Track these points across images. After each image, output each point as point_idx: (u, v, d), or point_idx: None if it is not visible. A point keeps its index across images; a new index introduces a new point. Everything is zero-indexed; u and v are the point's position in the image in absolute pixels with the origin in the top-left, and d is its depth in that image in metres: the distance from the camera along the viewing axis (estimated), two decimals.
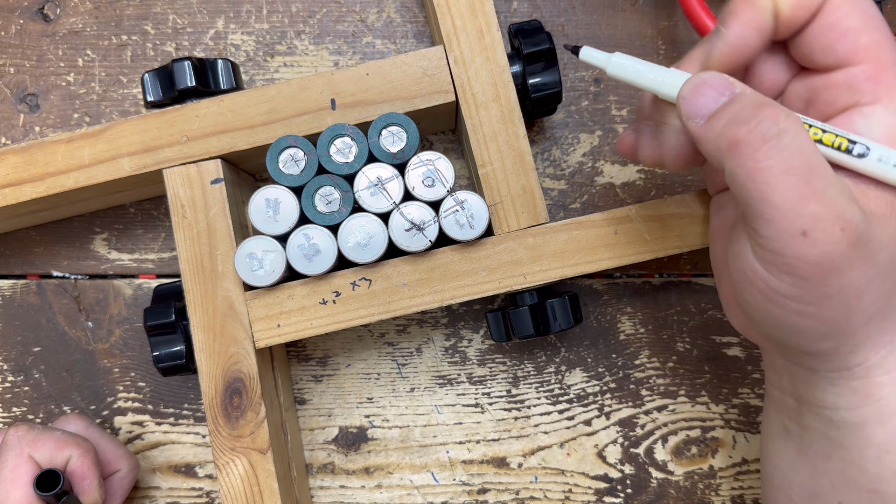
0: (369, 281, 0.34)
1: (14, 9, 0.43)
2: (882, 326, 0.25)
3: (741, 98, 0.24)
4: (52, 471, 0.34)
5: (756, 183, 0.23)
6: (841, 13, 0.24)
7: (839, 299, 0.24)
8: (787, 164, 0.22)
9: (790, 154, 0.22)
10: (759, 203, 0.23)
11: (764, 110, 0.23)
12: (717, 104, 0.24)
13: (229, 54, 0.43)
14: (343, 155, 0.34)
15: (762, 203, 0.23)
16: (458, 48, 0.35)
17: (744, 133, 0.23)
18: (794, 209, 0.22)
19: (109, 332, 0.42)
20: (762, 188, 0.22)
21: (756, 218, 0.23)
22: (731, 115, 0.24)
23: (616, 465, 0.42)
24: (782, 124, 0.22)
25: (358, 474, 0.42)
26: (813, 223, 0.22)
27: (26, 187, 0.35)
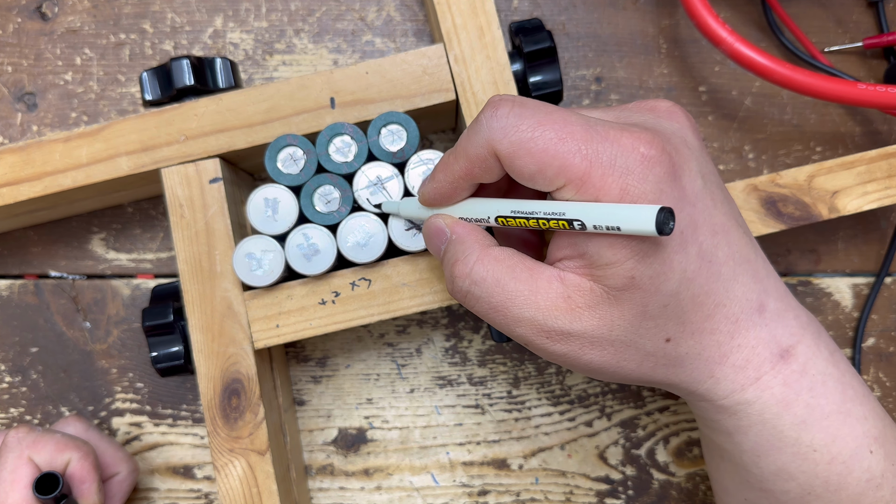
0: (369, 281, 0.34)
1: (12, 7, 0.43)
2: (681, 371, 0.27)
3: (447, 251, 0.28)
4: (52, 474, 0.33)
5: (481, 317, 0.28)
6: (517, 167, 0.25)
7: (598, 371, 0.27)
8: (484, 308, 0.27)
9: (483, 301, 0.27)
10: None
11: (455, 268, 0.27)
12: (440, 253, 0.29)
13: (228, 53, 0.43)
14: (342, 154, 0.34)
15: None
16: (458, 46, 0.35)
17: (451, 288, 0.28)
18: (508, 333, 0.27)
19: (107, 332, 0.42)
20: (485, 320, 0.28)
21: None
22: (445, 271, 0.28)
23: (617, 466, 0.42)
24: (469, 280, 0.27)
25: (357, 476, 0.42)
26: (525, 340, 0.27)
27: (24, 187, 0.35)
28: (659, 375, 0.27)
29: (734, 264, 0.27)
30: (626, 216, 0.23)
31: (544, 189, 0.25)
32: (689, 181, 0.26)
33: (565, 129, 0.25)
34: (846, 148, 0.43)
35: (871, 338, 0.43)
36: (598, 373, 0.27)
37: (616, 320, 0.25)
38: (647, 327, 0.26)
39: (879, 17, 0.43)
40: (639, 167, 0.24)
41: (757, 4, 0.44)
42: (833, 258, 0.43)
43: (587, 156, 0.24)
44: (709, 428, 0.30)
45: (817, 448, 0.28)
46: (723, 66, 0.43)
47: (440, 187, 0.29)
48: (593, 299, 0.25)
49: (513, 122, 0.25)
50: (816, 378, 0.28)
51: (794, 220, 0.35)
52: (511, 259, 0.27)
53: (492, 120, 0.26)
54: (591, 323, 0.26)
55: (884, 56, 0.44)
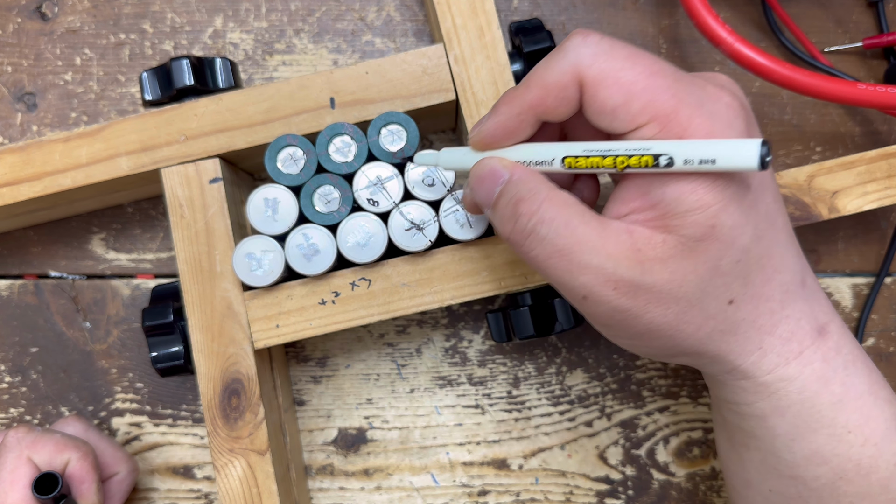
0: (369, 281, 0.34)
1: (12, 7, 0.43)
2: (733, 340, 0.26)
3: (506, 192, 0.26)
4: (51, 474, 0.33)
5: (534, 266, 0.26)
6: (601, 98, 0.25)
7: (653, 334, 0.26)
8: (548, 250, 0.25)
9: (549, 242, 0.25)
10: (547, 279, 0.27)
11: (520, 206, 0.26)
12: (493, 196, 0.27)
13: (228, 53, 0.43)
14: (342, 154, 0.34)
15: (548, 279, 0.26)
16: (458, 46, 0.35)
17: (509, 230, 0.26)
18: (567, 283, 0.25)
19: (107, 332, 0.42)
20: (539, 270, 0.26)
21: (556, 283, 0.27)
22: (499, 213, 0.27)
23: (617, 466, 0.42)
24: (536, 218, 0.25)
25: (357, 476, 0.42)
26: (587, 290, 0.25)
27: (24, 187, 0.35)
28: (712, 345, 0.26)
29: (787, 234, 0.27)
30: (724, 150, 0.22)
31: (621, 127, 0.25)
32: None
33: (656, 65, 0.24)
34: (846, 148, 0.43)
35: (871, 338, 0.43)
36: (653, 336, 0.26)
37: (688, 274, 0.25)
38: (715, 285, 0.25)
39: (879, 18, 0.43)
40: (725, 114, 0.24)
41: (757, 4, 0.44)
42: (833, 258, 0.43)
43: (677, 94, 0.24)
44: (738, 414, 0.29)
45: (852, 429, 0.27)
46: (723, 66, 0.43)
47: (503, 121, 0.27)
48: (666, 251, 0.24)
49: (605, 49, 0.25)
50: (848, 357, 0.28)
51: (794, 220, 0.35)
52: (580, 205, 0.26)
53: (582, 45, 0.25)
54: (663, 276, 0.24)
55: (884, 56, 0.44)
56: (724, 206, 0.24)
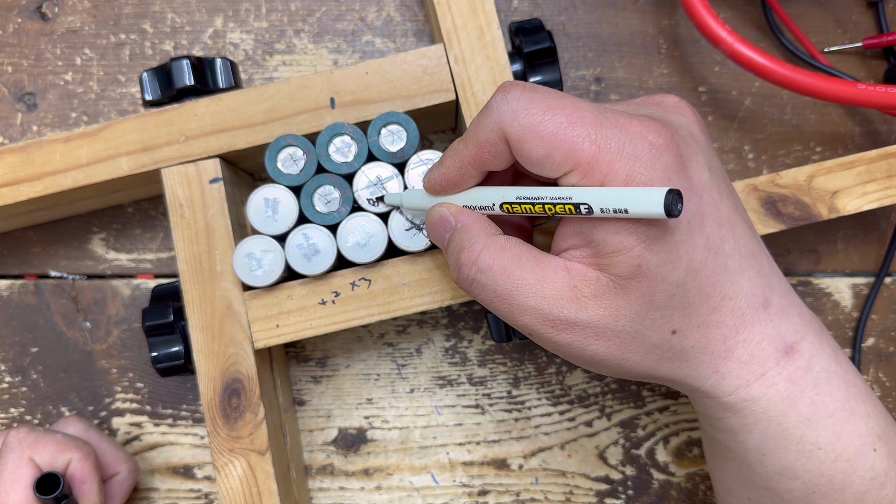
0: (369, 281, 0.34)
1: (12, 7, 0.43)
2: (685, 365, 0.27)
3: (452, 239, 0.28)
4: (52, 474, 0.33)
5: (485, 306, 0.28)
6: (526, 151, 0.25)
7: (602, 363, 0.27)
8: (490, 296, 0.27)
9: (489, 289, 0.27)
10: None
11: (461, 256, 0.27)
12: (444, 242, 0.29)
13: (228, 53, 0.43)
14: (342, 154, 0.34)
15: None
16: (458, 47, 0.35)
17: (455, 277, 0.28)
18: (513, 323, 0.27)
19: (107, 332, 0.42)
20: (489, 310, 0.28)
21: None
22: (448, 260, 0.28)
23: (617, 466, 0.42)
24: (475, 267, 0.27)
25: (357, 476, 0.42)
26: (529, 329, 0.27)
27: (24, 187, 0.35)
28: (663, 370, 0.27)
29: (740, 258, 0.27)
30: (634, 198, 0.23)
31: (551, 175, 0.25)
32: (695, 172, 0.26)
33: (575, 113, 0.25)
34: (846, 148, 0.43)
35: (870, 338, 0.43)
36: (602, 365, 0.27)
37: (622, 310, 0.25)
38: (652, 318, 0.26)
39: (879, 18, 0.43)
40: (647, 154, 0.24)
41: (757, 4, 0.44)
42: (833, 258, 0.43)
43: (596, 140, 0.24)
44: (712, 427, 0.30)
45: (822, 446, 0.27)
46: (723, 67, 0.43)
47: (448, 173, 0.28)
48: (599, 289, 0.25)
49: (523, 106, 0.25)
50: (820, 375, 0.28)
51: (793, 220, 0.35)
52: (517, 248, 0.27)
53: (502, 103, 0.26)
54: (597, 312, 0.25)
55: (883, 56, 0.44)
56: (648, 246, 0.24)
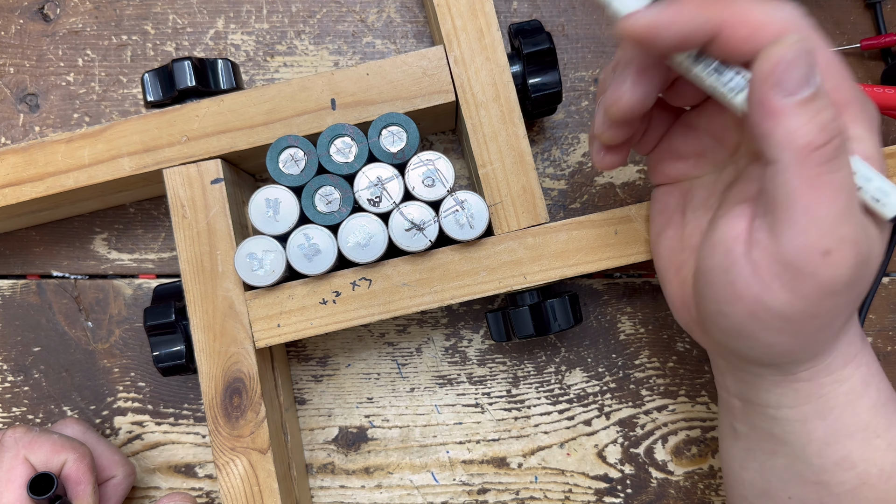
0: (369, 281, 0.34)
1: (14, 8, 0.43)
2: (838, 336, 0.27)
3: (823, 97, 0.22)
4: (46, 474, 0.33)
5: (809, 189, 0.22)
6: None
7: (821, 320, 0.24)
8: (840, 182, 0.22)
9: (845, 173, 0.22)
10: (801, 212, 0.22)
11: (838, 123, 0.22)
12: (804, 91, 0.22)
13: (229, 54, 0.43)
14: (343, 155, 0.34)
15: (804, 212, 0.22)
16: (458, 48, 0.35)
17: (823, 140, 0.22)
18: (831, 226, 0.22)
19: (109, 332, 0.42)
20: (811, 197, 0.22)
21: (787, 227, 0.23)
22: (819, 115, 0.22)
23: (616, 465, 0.42)
24: (839, 134, 0.22)
25: (358, 474, 0.42)
26: (839, 244, 0.22)
27: (26, 187, 0.35)
28: (831, 341, 0.26)
29: None
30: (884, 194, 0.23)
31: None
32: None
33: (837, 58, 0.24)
34: None
35: (869, 337, 0.43)
36: (821, 324, 0.25)
37: (875, 256, 0.24)
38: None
39: (877, 19, 0.43)
40: (874, 116, 0.24)
41: None
42: None
43: (852, 88, 0.24)
44: (772, 419, 0.29)
45: (880, 434, 0.28)
46: None
47: (685, 17, 0.23)
48: (872, 229, 0.24)
49: (812, 28, 0.24)
50: (877, 365, 0.28)
51: None
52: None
53: (796, 13, 0.23)
54: (873, 250, 0.24)
55: (881, 57, 0.44)
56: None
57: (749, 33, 0.22)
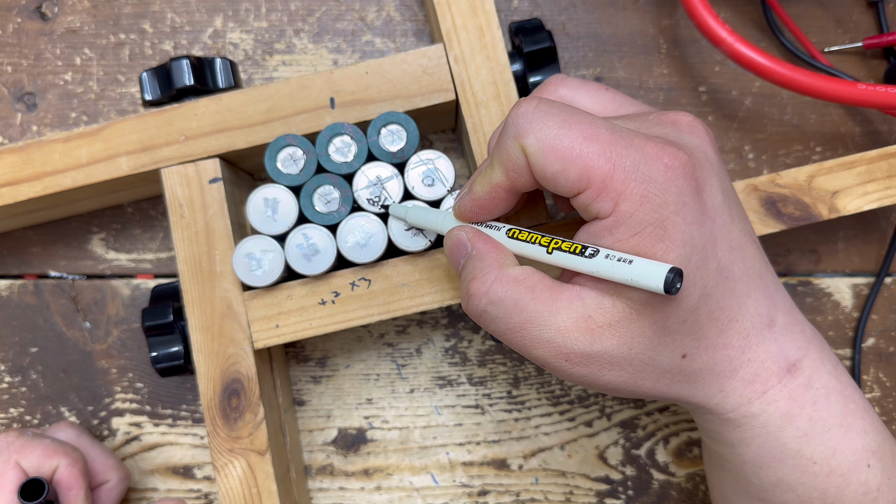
0: (369, 281, 0.34)
1: (11, 7, 0.43)
2: (693, 387, 0.27)
3: (465, 267, 0.28)
4: (38, 479, 0.33)
5: (496, 336, 0.27)
6: (541, 167, 0.25)
7: (615, 389, 0.27)
8: (501, 328, 0.26)
9: (500, 321, 0.26)
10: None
11: (472, 286, 0.27)
12: (460, 265, 0.28)
13: (228, 53, 0.43)
14: (342, 154, 0.34)
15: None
16: (458, 46, 0.35)
17: (466, 305, 0.27)
18: (526, 355, 0.27)
19: (107, 332, 0.42)
20: (503, 339, 0.27)
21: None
22: (462, 286, 0.28)
23: (617, 466, 0.42)
24: (486, 299, 0.26)
25: (357, 476, 0.42)
26: (542, 362, 0.26)
27: (23, 187, 0.35)
28: (673, 392, 0.27)
29: (748, 280, 0.27)
30: (637, 268, 0.23)
31: (566, 192, 0.25)
32: (709, 196, 0.26)
33: (590, 129, 0.25)
34: (846, 148, 0.43)
35: (870, 338, 0.43)
36: (616, 391, 0.27)
37: (636, 337, 0.25)
38: (664, 343, 0.26)
39: (879, 17, 0.43)
40: (662, 177, 0.24)
41: (757, 4, 0.44)
42: (833, 258, 0.43)
43: (611, 159, 0.24)
44: (711, 438, 0.30)
45: (817, 461, 0.28)
46: (723, 66, 0.43)
47: (479, 199, 0.28)
48: (614, 316, 0.25)
49: (539, 118, 0.25)
50: (820, 391, 0.28)
51: (794, 220, 0.35)
52: (531, 279, 0.26)
53: (518, 118, 0.26)
54: (612, 342, 0.25)
55: (884, 56, 0.44)
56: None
57: (516, 175, 0.26)
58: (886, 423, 0.42)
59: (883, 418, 0.42)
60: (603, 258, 0.24)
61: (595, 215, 0.25)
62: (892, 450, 0.30)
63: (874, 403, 0.43)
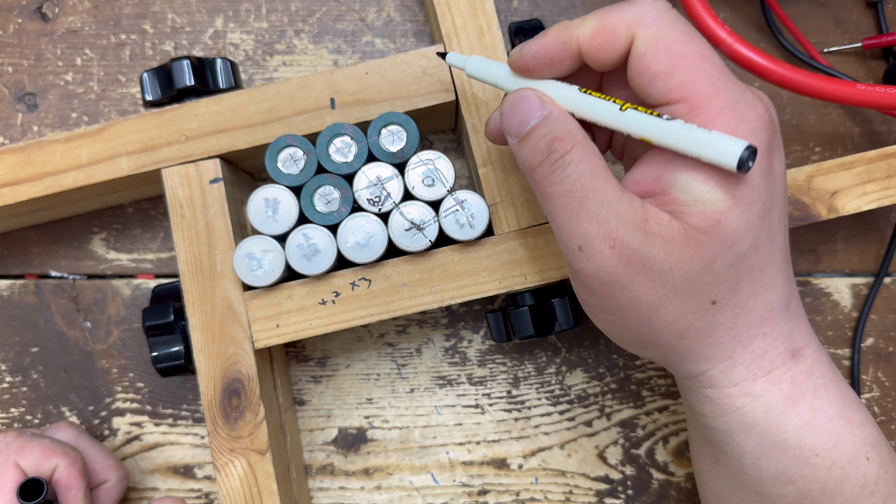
0: (369, 281, 0.34)
1: (12, 8, 0.43)
2: (707, 342, 0.27)
3: (543, 126, 0.26)
4: (36, 479, 0.33)
5: (546, 202, 0.26)
6: (647, 60, 0.25)
7: (633, 311, 0.26)
8: (566, 188, 0.25)
9: (570, 181, 0.25)
10: (552, 221, 0.26)
11: (555, 143, 0.26)
12: (527, 126, 0.27)
13: (228, 53, 0.43)
14: (342, 154, 0.34)
15: (552, 221, 0.26)
16: (458, 47, 0.35)
17: (538, 163, 0.26)
18: (569, 228, 0.25)
19: (108, 332, 0.42)
20: (550, 208, 0.26)
21: (555, 235, 0.27)
22: (533, 144, 0.26)
23: (617, 466, 0.42)
24: (567, 157, 0.25)
25: (357, 475, 0.42)
26: (585, 240, 0.25)
27: (24, 187, 0.35)
28: (685, 340, 0.27)
29: (784, 256, 0.27)
30: (716, 138, 0.23)
31: (656, 97, 0.25)
32: (777, 162, 0.26)
33: (708, 51, 0.25)
34: (845, 148, 0.43)
35: (870, 338, 0.43)
36: (633, 312, 0.26)
37: (682, 262, 0.25)
38: (704, 281, 0.25)
39: (878, 18, 0.43)
40: (753, 120, 0.24)
41: (756, 5, 0.44)
42: (832, 258, 0.43)
43: (716, 84, 0.24)
44: (707, 428, 0.30)
45: (819, 452, 0.28)
46: None
47: (548, 46, 0.26)
48: (670, 231, 0.25)
49: (670, 18, 0.25)
50: (819, 381, 0.28)
51: (793, 220, 0.35)
52: (606, 168, 0.26)
53: (650, 6, 0.25)
54: (660, 253, 0.25)
55: (883, 56, 0.44)
56: (732, 206, 0.24)
57: (602, 42, 0.26)
58: (886, 423, 0.43)
59: (882, 418, 0.43)
60: (681, 123, 0.24)
61: None
62: (886, 444, 0.30)
63: (874, 403, 0.43)
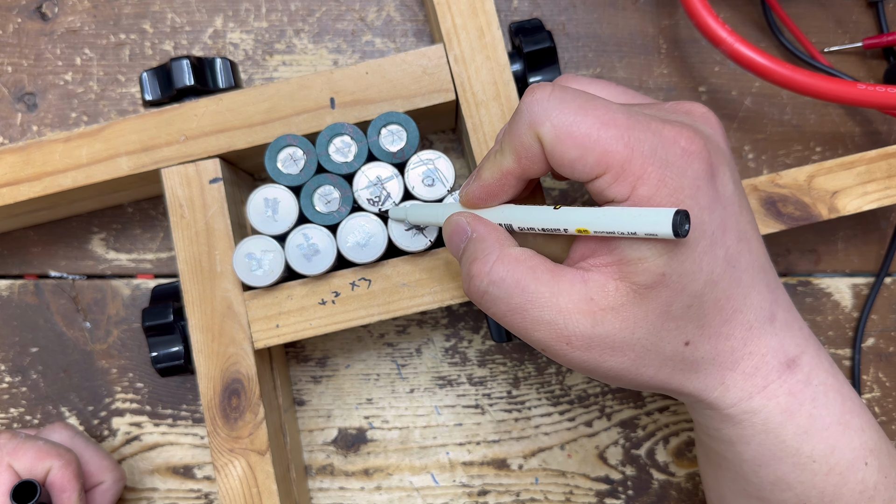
0: (369, 281, 0.34)
1: (12, 7, 0.43)
2: (694, 377, 0.27)
3: (466, 250, 0.28)
4: (30, 482, 0.33)
5: (499, 322, 0.27)
6: (558, 153, 0.25)
7: (615, 377, 0.27)
8: (502, 309, 0.26)
9: (502, 302, 0.26)
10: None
11: (473, 267, 0.27)
12: (459, 252, 0.28)
13: (228, 53, 0.43)
14: (342, 154, 0.34)
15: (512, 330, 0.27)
16: (458, 47, 0.35)
17: (468, 287, 0.27)
18: (527, 337, 0.26)
19: (107, 332, 0.42)
20: (501, 324, 0.27)
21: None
22: (462, 270, 0.28)
23: (617, 466, 0.42)
24: (487, 279, 0.26)
25: (357, 476, 0.42)
26: (543, 345, 0.26)
27: (24, 187, 0.35)
28: (675, 382, 0.27)
29: (753, 272, 0.27)
30: (641, 220, 0.23)
31: (583, 177, 0.25)
32: (721, 183, 0.26)
33: (607, 115, 0.24)
34: (846, 148, 0.43)
35: (870, 338, 0.43)
36: (617, 379, 0.27)
37: (639, 321, 0.25)
38: (668, 329, 0.25)
39: (879, 18, 0.43)
40: (679, 160, 0.24)
41: (757, 4, 0.44)
42: (833, 258, 0.43)
43: (629, 143, 0.24)
44: (710, 437, 0.30)
45: (816, 459, 0.28)
46: (723, 67, 0.43)
47: (487, 184, 0.28)
48: (618, 299, 0.25)
49: (555, 105, 0.25)
50: (818, 388, 0.28)
51: (793, 220, 0.35)
52: (532, 259, 0.26)
53: (533, 105, 0.25)
54: (614, 326, 0.25)
55: (883, 56, 0.44)
56: (673, 255, 0.24)
57: (528, 162, 0.26)
58: (886, 423, 0.42)
59: (882, 418, 0.42)
60: (608, 210, 0.24)
61: (611, 200, 0.25)
62: (888, 448, 0.30)
63: (874, 403, 0.43)
